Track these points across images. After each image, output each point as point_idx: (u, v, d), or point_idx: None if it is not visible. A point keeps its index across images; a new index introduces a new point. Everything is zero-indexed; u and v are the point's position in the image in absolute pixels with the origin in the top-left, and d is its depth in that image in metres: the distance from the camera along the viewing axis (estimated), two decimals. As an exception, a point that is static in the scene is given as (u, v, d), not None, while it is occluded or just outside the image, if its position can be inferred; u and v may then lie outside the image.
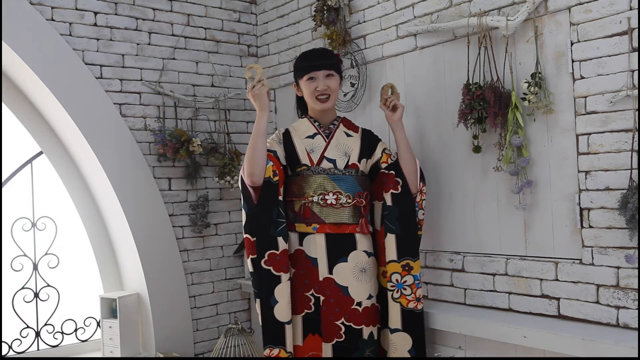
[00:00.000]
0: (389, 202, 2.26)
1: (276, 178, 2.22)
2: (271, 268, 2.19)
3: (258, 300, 2.21)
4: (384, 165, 2.30)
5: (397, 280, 2.23)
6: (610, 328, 1.90)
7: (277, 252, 2.19)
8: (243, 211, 2.26)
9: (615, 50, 1.87)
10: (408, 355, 2.22)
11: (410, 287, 2.23)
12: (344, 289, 2.21)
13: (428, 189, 2.42)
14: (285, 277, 2.20)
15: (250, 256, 2.22)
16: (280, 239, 2.20)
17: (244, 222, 2.25)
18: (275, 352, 2.18)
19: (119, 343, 2.92)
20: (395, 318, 2.23)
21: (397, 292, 2.23)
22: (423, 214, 2.31)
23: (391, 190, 2.26)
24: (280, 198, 2.24)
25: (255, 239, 2.20)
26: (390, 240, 2.25)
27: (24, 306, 2.95)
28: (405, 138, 2.31)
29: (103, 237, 3.13)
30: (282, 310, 2.18)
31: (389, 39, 2.61)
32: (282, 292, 2.19)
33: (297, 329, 2.24)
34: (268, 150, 2.24)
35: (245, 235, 2.24)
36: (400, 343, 2.23)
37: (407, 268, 2.23)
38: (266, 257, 2.19)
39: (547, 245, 2.08)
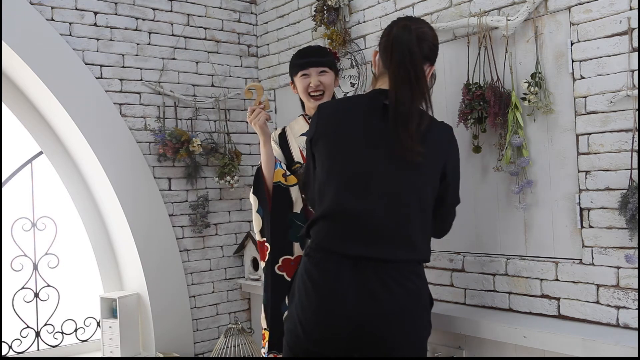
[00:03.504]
0: None
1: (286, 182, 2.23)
2: (284, 274, 2.18)
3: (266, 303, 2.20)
4: None
5: None
6: (610, 328, 1.90)
7: (292, 258, 2.18)
8: (258, 215, 2.25)
9: (615, 50, 1.87)
10: None
11: None
12: None
13: (428, 189, 2.41)
14: None
15: (264, 260, 2.22)
16: (296, 245, 2.19)
17: (259, 227, 2.25)
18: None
19: (119, 343, 2.92)
20: None
21: None
22: None
23: None
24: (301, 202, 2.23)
25: (269, 243, 2.20)
26: None
27: (24, 306, 2.95)
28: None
29: (103, 237, 3.13)
30: None
31: (389, 39, 2.60)
32: None
33: None
34: (277, 157, 2.27)
35: (262, 239, 2.24)
36: None
37: None
38: (280, 263, 2.18)
39: (547, 245, 2.08)
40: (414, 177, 1.72)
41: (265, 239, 2.22)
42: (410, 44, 1.70)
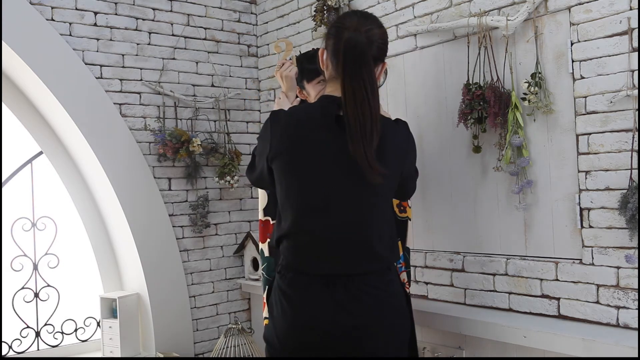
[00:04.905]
0: None
1: None
2: None
3: (268, 288, 2.08)
4: None
5: None
6: (610, 328, 1.90)
7: None
8: (264, 194, 2.19)
9: (615, 50, 1.87)
10: None
11: None
12: None
13: (428, 189, 2.42)
14: None
15: (268, 240, 2.15)
16: None
17: (264, 203, 2.20)
18: None
19: (119, 343, 2.92)
20: None
21: None
22: None
23: None
24: None
25: (275, 221, 2.11)
26: None
27: (24, 306, 2.96)
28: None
29: (103, 237, 3.13)
30: None
31: (389, 39, 2.59)
32: None
33: None
34: None
35: (265, 218, 2.18)
36: None
37: None
38: None
39: (547, 245, 2.08)
40: (373, 189, 1.70)
41: (269, 217, 2.18)
42: (363, 52, 1.65)
